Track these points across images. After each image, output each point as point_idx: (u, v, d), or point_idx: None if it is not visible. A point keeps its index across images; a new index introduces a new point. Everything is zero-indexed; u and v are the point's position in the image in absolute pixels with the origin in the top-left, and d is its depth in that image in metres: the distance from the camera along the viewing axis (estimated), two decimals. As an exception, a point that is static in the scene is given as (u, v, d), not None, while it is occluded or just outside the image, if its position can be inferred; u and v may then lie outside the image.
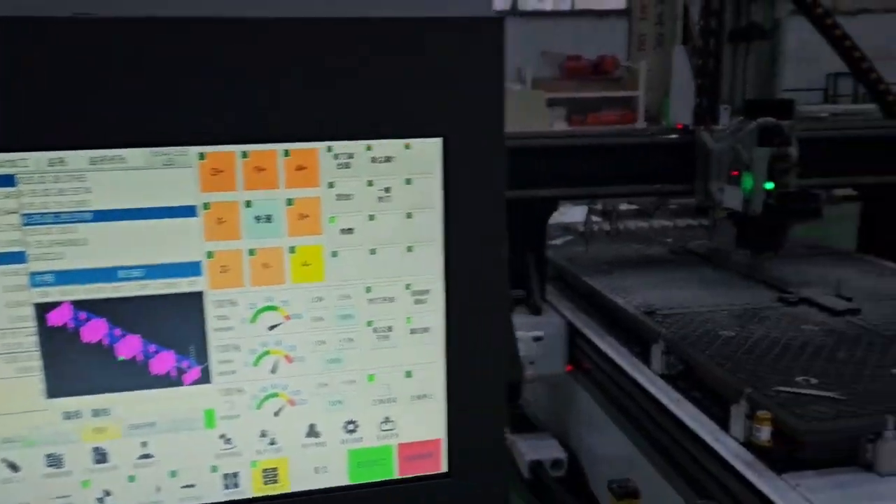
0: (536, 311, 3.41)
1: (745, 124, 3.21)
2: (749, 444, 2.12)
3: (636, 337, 2.97)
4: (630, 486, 2.35)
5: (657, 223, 3.74)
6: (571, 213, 4.30)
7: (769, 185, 3.13)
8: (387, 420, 0.90)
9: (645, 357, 2.79)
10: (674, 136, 3.66)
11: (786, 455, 2.06)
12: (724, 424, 2.25)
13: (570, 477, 3.37)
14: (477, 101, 0.82)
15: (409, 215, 0.85)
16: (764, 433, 2.08)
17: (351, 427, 0.89)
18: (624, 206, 3.84)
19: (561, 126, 12.37)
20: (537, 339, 1.00)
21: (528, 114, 11.82)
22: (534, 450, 3.50)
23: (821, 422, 2.04)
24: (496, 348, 0.87)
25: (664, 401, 2.50)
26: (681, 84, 3.92)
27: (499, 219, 0.84)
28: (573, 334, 3.33)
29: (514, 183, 3.48)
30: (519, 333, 0.94)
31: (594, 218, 3.80)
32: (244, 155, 0.82)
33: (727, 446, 2.17)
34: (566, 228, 3.86)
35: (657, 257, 3.93)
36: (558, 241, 4.22)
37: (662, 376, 2.66)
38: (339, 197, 0.84)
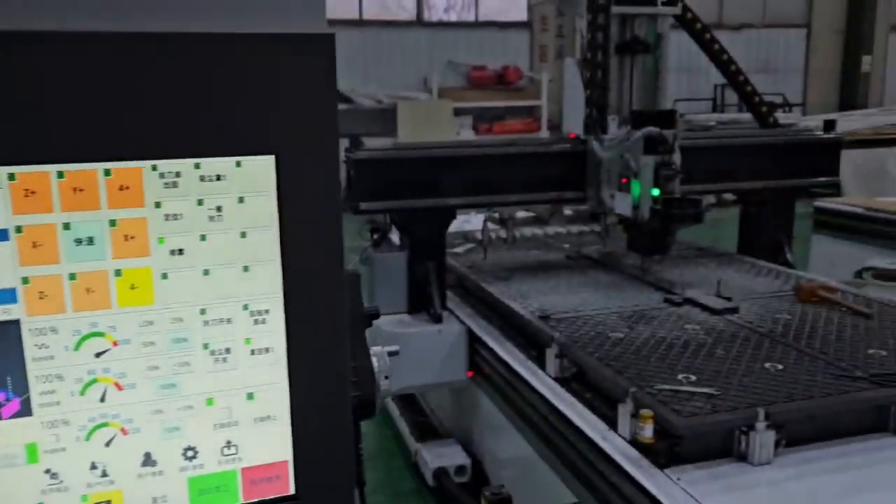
0: (437, 319, 3.42)
1: (632, 134, 3.31)
2: (635, 441, 2.17)
3: (532, 341, 3.02)
4: (503, 494, 2.38)
5: (552, 230, 3.82)
6: (476, 221, 4.34)
7: (655, 192, 3.24)
8: (229, 444, 0.86)
9: (541, 361, 2.83)
10: (567, 145, 3.74)
11: (668, 450, 2.13)
12: (612, 424, 2.31)
13: (474, 482, 3.39)
14: (310, 117, 0.80)
15: (243, 234, 0.82)
16: (647, 430, 2.13)
17: (190, 454, 0.85)
18: (520, 214, 3.90)
19: (468, 134, 12.55)
20: (392, 353, 0.99)
21: (436, 123, 11.93)
22: (438, 457, 3.50)
23: (697, 417, 2.11)
24: (342, 366, 0.85)
25: (557, 403, 2.54)
26: (572, 95, 4.00)
27: (336, 235, 0.82)
28: (473, 340, 3.36)
29: (415, 193, 3.49)
30: (374, 349, 0.92)
31: (491, 226, 3.84)
32: (60, 175, 0.76)
33: (615, 445, 2.22)
34: (465, 237, 3.89)
35: (554, 263, 4.01)
36: (459, 250, 4.26)
37: (556, 379, 2.71)
38: (168, 217, 0.80)
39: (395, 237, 3.75)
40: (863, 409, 2.24)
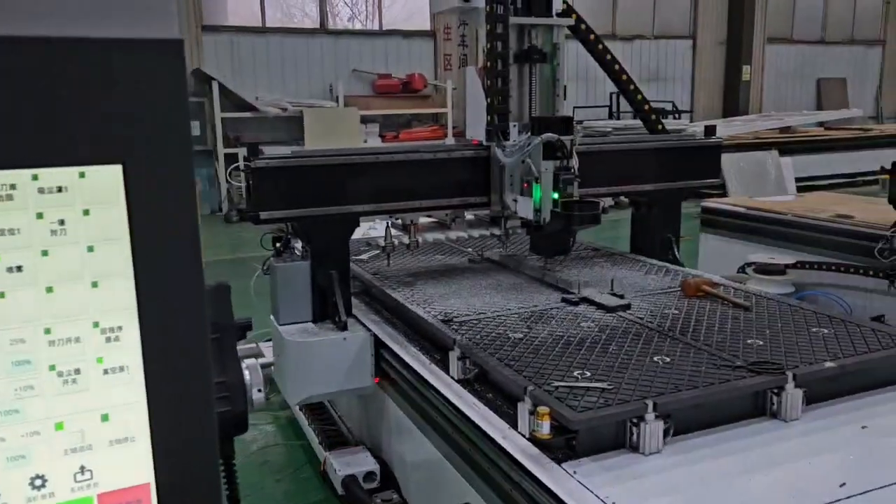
0: (342, 327, 3.36)
1: (532, 140, 3.36)
2: (533, 438, 2.20)
3: (436, 345, 3.02)
4: (393, 500, 2.38)
5: (454, 234, 3.83)
6: (383, 228, 4.29)
7: (555, 195, 3.30)
8: (83, 470, 0.80)
9: (445, 363, 2.83)
10: (470, 151, 3.76)
11: (565, 445, 2.17)
12: (514, 422, 2.33)
13: (384, 487, 3.36)
14: (159, 124, 0.75)
15: (90, 249, 0.77)
16: (544, 427, 2.16)
17: (38, 483, 0.78)
18: (423, 220, 3.89)
19: (375, 141, 12.51)
20: (266, 366, 0.95)
21: (343, 130, 11.83)
22: (346, 465, 3.44)
23: (591, 411, 2.15)
24: (205, 382, 0.81)
25: (459, 404, 2.54)
26: (474, 102, 4.04)
27: (194, 246, 0.78)
28: (379, 347, 3.32)
29: (316, 201, 3.43)
30: (247, 361, 0.88)
31: (395, 231, 3.82)
32: None
33: (515, 443, 2.24)
34: (368, 243, 3.85)
35: (457, 267, 4.03)
36: (364, 257, 4.21)
37: (459, 381, 2.71)
38: (3, 232, 0.74)
39: (299, 245, 3.67)
40: (742, 396, 2.35)
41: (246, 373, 0.94)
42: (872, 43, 20.38)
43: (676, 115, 15.29)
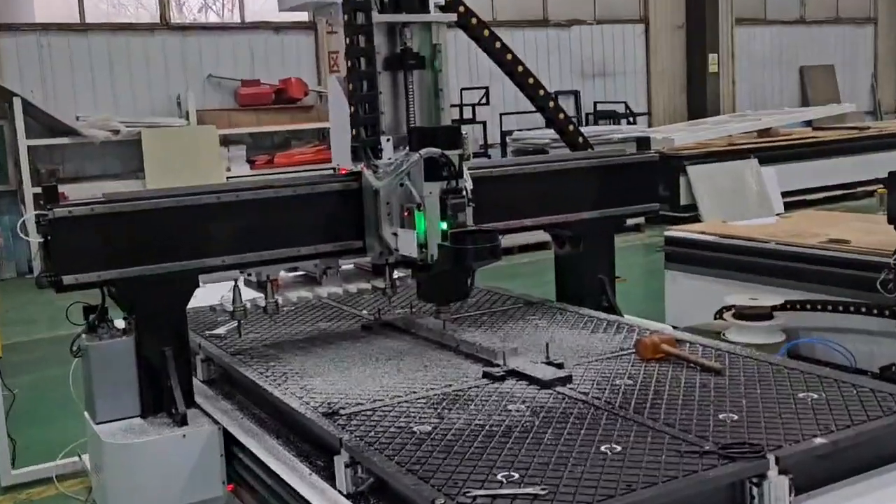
0: (181, 421, 3.28)
1: (411, 157, 3.37)
2: (444, 565, 2.16)
3: (317, 446, 2.95)
4: None
5: (325, 290, 3.80)
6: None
7: (443, 225, 3.32)
8: None
9: (330, 471, 2.77)
10: (337, 183, 3.73)
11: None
12: (422, 545, 2.29)
13: None
14: None
15: None
16: (459, 552, 2.13)
17: None
18: (285, 275, 3.85)
19: (242, 169, 12.36)
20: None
21: (196, 156, 11.66)
22: None
23: (516, 530, 2.13)
24: None
25: (348, 529, 2.49)
26: (338, 120, 3.95)
27: None
28: (231, 443, 3.27)
29: (140, 258, 3.33)
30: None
31: (251, 293, 3.75)
32: None
33: (422, 573, 2.20)
34: (213, 308, 3.78)
35: (346, 334, 3.99)
36: (222, 330, 4.12)
37: (350, 496, 2.65)
38: None
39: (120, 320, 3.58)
40: (715, 490, 2.38)
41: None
42: (862, 22, 21.70)
43: (631, 120, 15.78)
